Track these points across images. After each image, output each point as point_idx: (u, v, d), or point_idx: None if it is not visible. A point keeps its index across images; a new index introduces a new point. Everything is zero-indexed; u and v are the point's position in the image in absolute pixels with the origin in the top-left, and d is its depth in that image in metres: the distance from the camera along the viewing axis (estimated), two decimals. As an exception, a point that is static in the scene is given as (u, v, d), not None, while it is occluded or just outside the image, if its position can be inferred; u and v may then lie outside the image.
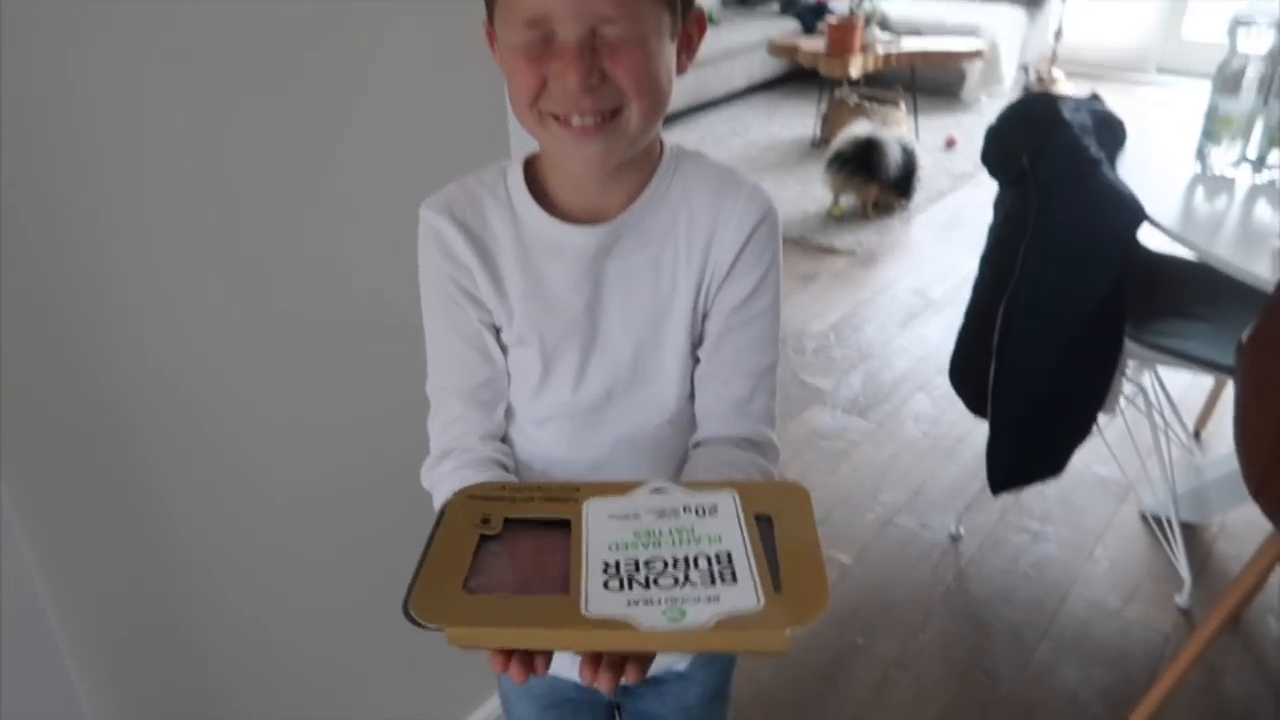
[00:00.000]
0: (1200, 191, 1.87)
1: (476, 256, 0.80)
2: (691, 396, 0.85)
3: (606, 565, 0.61)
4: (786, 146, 4.79)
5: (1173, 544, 2.03)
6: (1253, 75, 1.81)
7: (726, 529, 0.63)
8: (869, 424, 2.56)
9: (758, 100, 5.66)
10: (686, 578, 0.60)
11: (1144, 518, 2.20)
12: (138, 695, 1.11)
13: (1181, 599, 1.93)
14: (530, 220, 0.80)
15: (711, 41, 5.20)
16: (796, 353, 2.91)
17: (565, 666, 0.92)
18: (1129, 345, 1.86)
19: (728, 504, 0.65)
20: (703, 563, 0.61)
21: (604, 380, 0.82)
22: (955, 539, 2.14)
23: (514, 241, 0.80)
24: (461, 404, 0.84)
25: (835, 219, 3.88)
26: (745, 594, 0.58)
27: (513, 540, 0.66)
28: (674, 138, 0.83)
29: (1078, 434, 1.94)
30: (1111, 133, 2.07)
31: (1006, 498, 2.24)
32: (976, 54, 4.92)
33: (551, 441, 0.85)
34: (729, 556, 0.61)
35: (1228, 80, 1.85)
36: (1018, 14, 5.68)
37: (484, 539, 0.66)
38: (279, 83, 1.04)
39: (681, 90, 5.02)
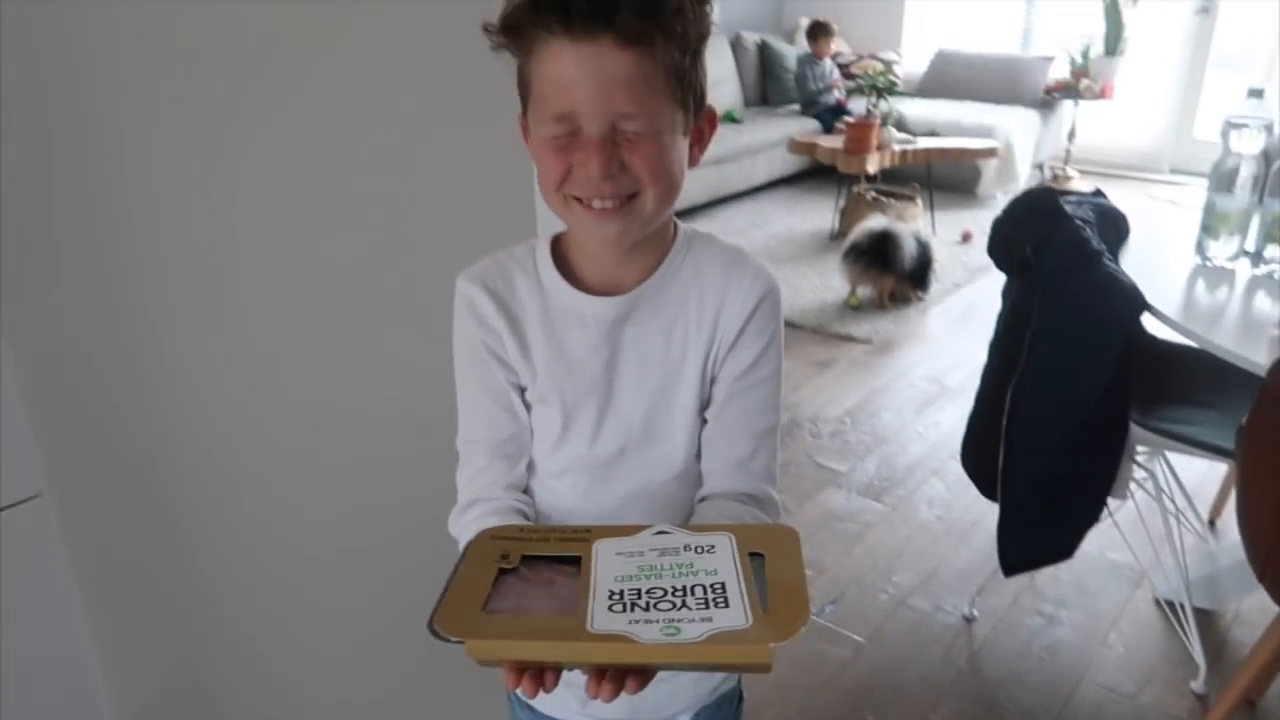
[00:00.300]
0: (1201, 283, 1.94)
1: (505, 323, 0.88)
2: (699, 455, 0.91)
3: (611, 593, 0.68)
4: (805, 239, 4.93)
5: (1187, 630, 2.03)
6: (1246, 174, 1.90)
7: (722, 564, 0.70)
8: (883, 507, 2.60)
9: (778, 195, 5.84)
10: (683, 602, 0.66)
11: (1158, 603, 2.21)
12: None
13: (1197, 685, 1.93)
14: (555, 291, 0.88)
15: (733, 139, 5.41)
16: (812, 436, 2.97)
17: (571, 710, 0.97)
18: (1137, 430, 1.91)
19: (724, 543, 0.72)
20: (699, 591, 0.67)
21: (618, 437, 0.89)
22: (969, 621, 2.15)
23: (540, 310, 0.89)
24: (487, 457, 0.91)
25: (852, 309, 3.97)
26: (735, 615, 0.64)
27: (528, 573, 0.73)
28: (695, 228, 0.92)
29: (1087, 517, 1.97)
30: (1115, 226, 2.15)
31: (1020, 581, 2.26)
32: (990, 152, 5.08)
33: (568, 493, 0.91)
34: (723, 586, 0.67)
35: (1223, 178, 1.94)
36: (1031, 116, 5.87)
37: (502, 571, 0.73)
38: (328, 168, 1.15)
39: (703, 183, 5.21)
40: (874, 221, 3.94)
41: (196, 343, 1.11)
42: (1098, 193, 2.18)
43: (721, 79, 6.00)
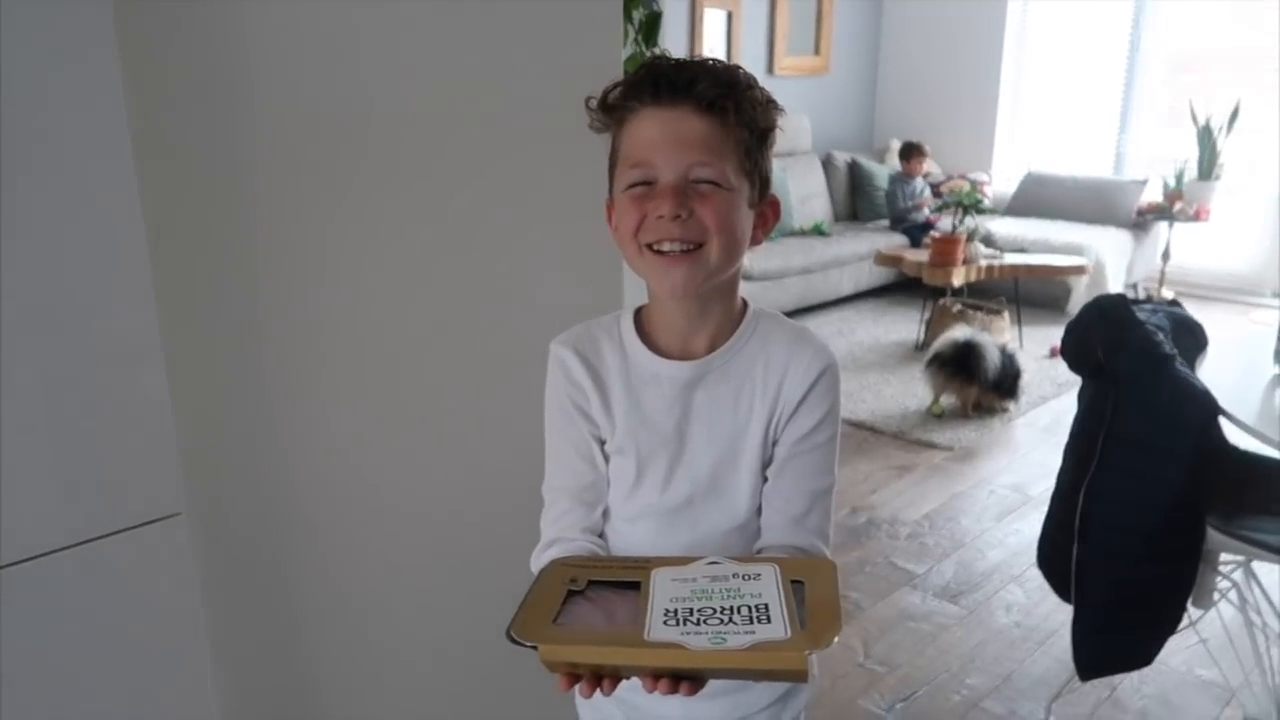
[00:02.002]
0: (1278, 391, 1.95)
1: (591, 381, 1.00)
2: (759, 511, 1.00)
3: (667, 611, 0.78)
4: (890, 348, 4.98)
5: (1277, 752, 1.96)
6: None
7: (766, 589, 0.79)
8: (960, 610, 2.58)
9: (864, 306, 5.93)
10: (730, 619, 0.76)
11: (1247, 724, 2.13)
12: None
13: (1286, 809, 1.85)
14: (636, 355, 1.00)
15: (821, 250, 5.57)
16: (889, 537, 2.98)
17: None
18: (1217, 537, 1.90)
19: (769, 572, 0.81)
20: (744, 610, 0.76)
21: (686, 488, 0.99)
22: (1044, 729, 2.11)
23: (622, 371, 1.00)
24: (569, 501, 1.03)
25: (935, 417, 3.99)
26: (776, 629, 0.74)
27: (594, 594, 0.83)
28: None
29: (1166, 624, 1.94)
30: (1193, 336, 2.18)
31: (1100, 692, 2.21)
32: (1078, 269, 5.09)
33: (640, 537, 1.01)
34: (766, 607, 0.76)
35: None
36: (1124, 236, 5.87)
37: (571, 593, 0.83)
38: (452, 245, 1.33)
39: (790, 292, 5.35)
40: (958, 332, 3.98)
41: (329, 386, 1.27)
42: (1174, 302, 2.22)
43: (812, 194, 6.20)
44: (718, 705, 1.01)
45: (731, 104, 0.89)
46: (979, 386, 3.91)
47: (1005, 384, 3.97)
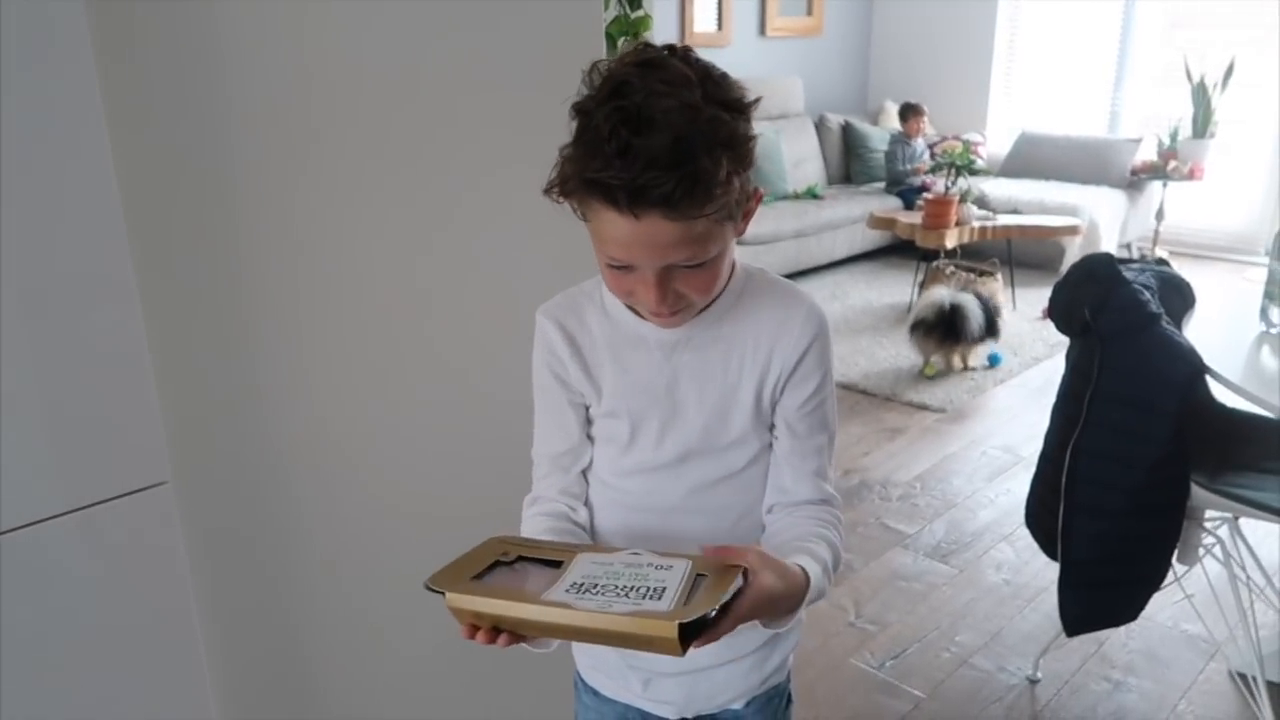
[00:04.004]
0: (1264, 348, 1.96)
1: (569, 349, 1.01)
2: (753, 461, 1.02)
3: (574, 584, 0.82)
4: (883, 311, 4.99)
5: (1259, 703, 1.99)
6: (1308, 242, 1.93)
7: (671, 578, 0.82)
8: (950, 569, 2.61)
9: (858, 269, 5.93)
10: (626, 595, 0.79)
11: (1232, 676, 2.16)
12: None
13: (1267, 758, 1.89)
14: (620, 319, 1.00)
15: (815, 214, 5.56)
16: (881, 499, 3.00)
17: (634, 694, 1.06)
18: (1202, 494, 1.92)
19: (681, 565, 0.84)
20: (642, 589, 0.80)
21: (679, 445, 1.00)
22: (1032, 683, 2.15)
23: (608, 336, 1.01)
24: (548, 466, 1.07)
25: (928, 379, 4.01)
26: (660, 606, 0.77)
27: (519, 568, 0.88)
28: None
29: (1151, 580, 1.97)
30: (1180, 295, 2.18)
31: (1087, 647, 2.25)
32: (1071, 230, 5.08)
33: (636, 490, 1.03)
34: (663, 590, 0.80)
35: (1284, 246, 1.97)
36: (1117, 196, 5.86)
37: (499, 563, 0.88)
38: (439, 223, 1.32)
39: (783, 255, 5.35)
40: (938, 294, 4.00)
41: (315, 354, 1.27)
42: (1161, 261, 2.22)
43: (805, 157, 6.17)
44: (711, 651, 1.03)
45: (704, 197, 0.80)
46: (965, 343, 3.97)
47: (991, 330, 4.04)
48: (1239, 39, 5.65)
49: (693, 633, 0.75)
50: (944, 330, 3.86)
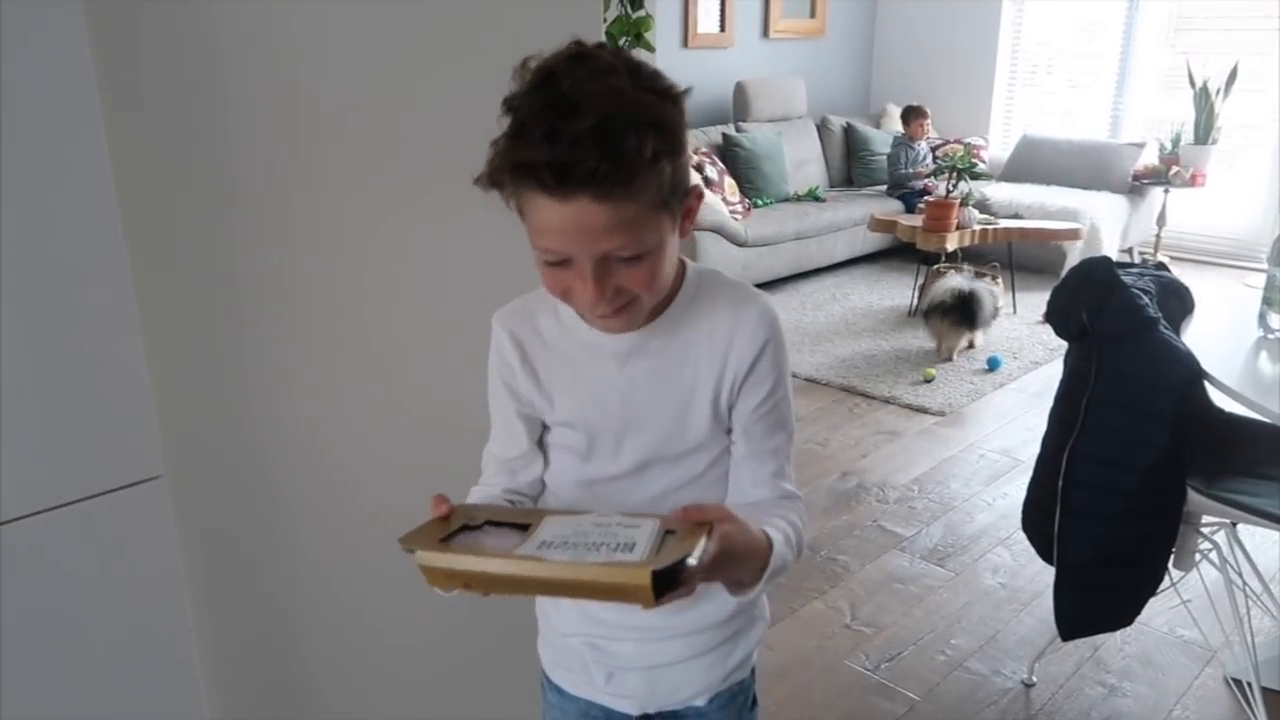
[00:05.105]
0: (1263, 354, 1.96)
1: (519, 358, 1.00)
2: (713, 464, 1.01)
3: (544, 541, 0.82)
4: (884, 313, 4.99)
5: (1254, 709, 1.99)
6: (1307, 248, 1.93)
7: (641, 535, 0.81)
8: (946, 572, 2.61)
9: (859, 271, 5.92)
10: (596, 549, 0.79)
11: (1228, 682, 2.16)
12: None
13: (1262, 764, 1.89)
14: (574, 327, 0.99)
15: (816, 216, 5.56)
16: (879, 501, 3.00)
17: (597, 689, 1.06)
18: (1198, 499, 1.92)
19: (649, 523, 0.83)
20: (612, 544, 0.80)
21: (636, 454, 0.99)
22: (1027, 686, 2.15)
23: (561, 344, 1.00)
24: (496, 467, 1.06)
25: (927, 383, 4.00)
26: (632, 558, 0.77)
27: (488, 530, 0.87)
28: (775, 302, 1.02)
29: (1146, 584, 1.97)
30: (1179, 299, 2.18)
31: (1083, 651, 2.25)
32: (1072, 234, 5.08)
33: (595, 501, 1.00)
34: (633, 545, 0.79)
35: (1282, 252, 1.97)
36: (1119, 201, 5.85)
37: (465, 527, 0.87)
38: (424, 234, 1.32)
39: (784, 257, 5.35)
40: (954, 280, 4.17)
41: (309, 350, 1.28)
42: (1160, 265, 2.22)
43: (807, 159, 6.17)
44: (673, 646, 1.04)
45: (630, 174, 0.79)
46: (979, 328, 4.17)
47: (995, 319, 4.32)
48: (1242, 44, 5.65)
49: (665, 584, 0.74)
50: (959, 314, 4.03)
